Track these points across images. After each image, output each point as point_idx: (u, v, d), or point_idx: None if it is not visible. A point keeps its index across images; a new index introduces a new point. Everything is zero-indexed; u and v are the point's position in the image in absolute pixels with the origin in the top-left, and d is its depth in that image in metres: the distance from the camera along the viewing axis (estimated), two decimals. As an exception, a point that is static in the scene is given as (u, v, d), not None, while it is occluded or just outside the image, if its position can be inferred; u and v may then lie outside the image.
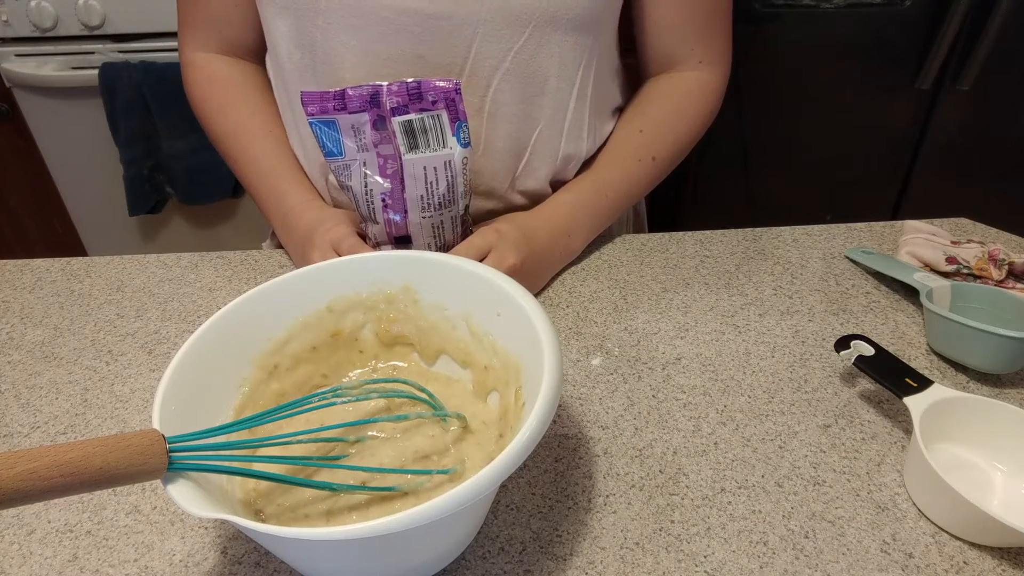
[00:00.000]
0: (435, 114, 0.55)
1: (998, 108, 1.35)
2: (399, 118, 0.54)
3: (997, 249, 0.63)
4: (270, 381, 0.47)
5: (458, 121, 0.55)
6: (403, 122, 0.54)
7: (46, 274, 0.69)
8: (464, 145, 0.56)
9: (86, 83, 1.42)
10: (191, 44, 0.72)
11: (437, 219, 0.58)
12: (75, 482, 0.30)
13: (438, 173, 0.56)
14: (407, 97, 0.54)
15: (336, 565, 0.36)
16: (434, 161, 0.55)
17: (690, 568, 0.40)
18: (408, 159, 0.55)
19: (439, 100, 0.54)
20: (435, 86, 0.54)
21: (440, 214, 0.58)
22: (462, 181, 0.57)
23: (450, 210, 0.58)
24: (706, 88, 0.71)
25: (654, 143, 0.69)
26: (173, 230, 1.68)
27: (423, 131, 0.55)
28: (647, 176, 0.70)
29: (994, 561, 0.40)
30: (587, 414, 0.51)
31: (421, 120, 0.55)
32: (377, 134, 0.55)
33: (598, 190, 0.67)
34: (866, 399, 0.52)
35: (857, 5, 1.25)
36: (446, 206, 0.57)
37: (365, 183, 0.57)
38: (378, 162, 0.56)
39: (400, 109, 0.54)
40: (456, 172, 0.56)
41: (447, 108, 0.55)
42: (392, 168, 0.56)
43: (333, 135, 0.56)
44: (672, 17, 0.67)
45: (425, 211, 0.57)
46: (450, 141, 0.55)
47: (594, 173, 0.69)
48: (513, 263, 0.57)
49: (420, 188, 0.56)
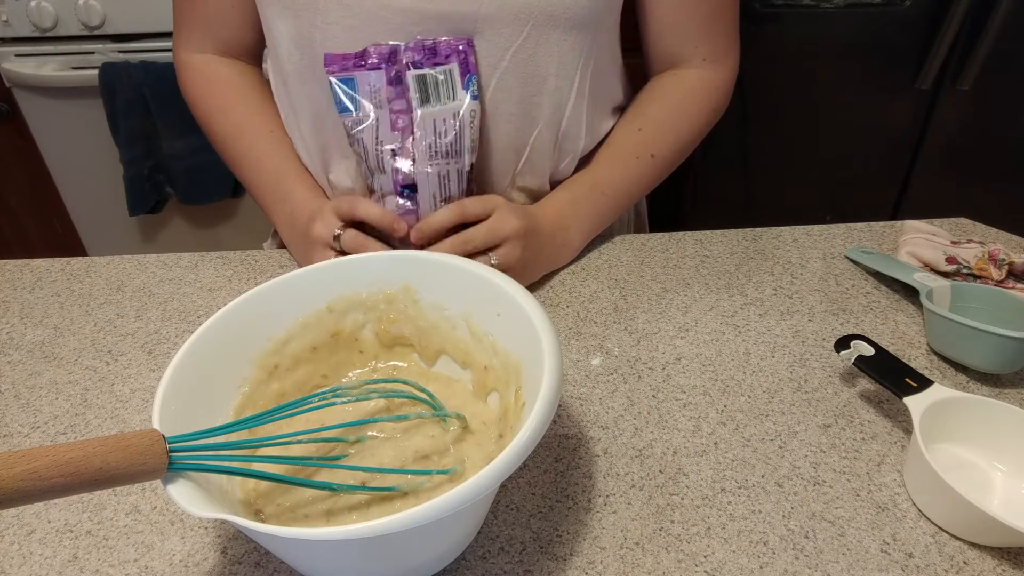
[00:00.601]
0: (447, 68, 0.58)
1: (998, 108, 1.35)
2: (414, 72, 0.58)
3: (997, 249, 0.63)
4: (270, 381, 0.47)
5: (469, 74, 0.58)
6: (417, 76, 0.58)
7: (46, 274, 0.69)
8: (473, 98, 0.59)
9: (86, 83, 1.42)
10: (187, 45, 0.72)
11: (444, 169, 0.60)
12: (75, 482, 0.30)
13: (447, 123, 0.59)
14: (423, 53, 0.58)
15: (336, 565, 0.36)
16: (444, 113, 0.58)
17: (690, 568, 0.40)
18: (420, 113, 0.58)
19: (452, 54, 0.58)
20: (448, 43, 0.58)
21: (447, 164, 0.60)
22: (469, 133, 0.59)
23: (456, 162, 0.60)
24: (710, 85, 0.70)
25: (653, 141, 0.69)
26: (173, 230, 1.68)
27: (435, 85, 0.58)
28: (646, 174, 0.69)
29: (994, 561, 0.40)
30: (587, 414, 0.51)
31: (434, 76, 0.58)
32: (392, 90, 0.59)
33: (596, 187, 0.67)
34: (866, 399, 0.52)
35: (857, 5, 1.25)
36: (453, 156, 0.60)
37: (376, 135, 0.60)
38: (390, 118, 0.59)
39: (416, 64, 0.58)
40: (464, 123, 0.59)
41: (459, 61, 0.58)
42: (403, 122, 0.59)
43: (350, 92, 0.59)
44: (675, 15, 0.67)
45: (432, 159, 0.59)
46: (460, 93, 0.59)
47: (592, 171, 0.69)
48: (517, 225, 0.59)
49: (428, 136, 0.59)
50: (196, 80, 0.71)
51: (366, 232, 0.61)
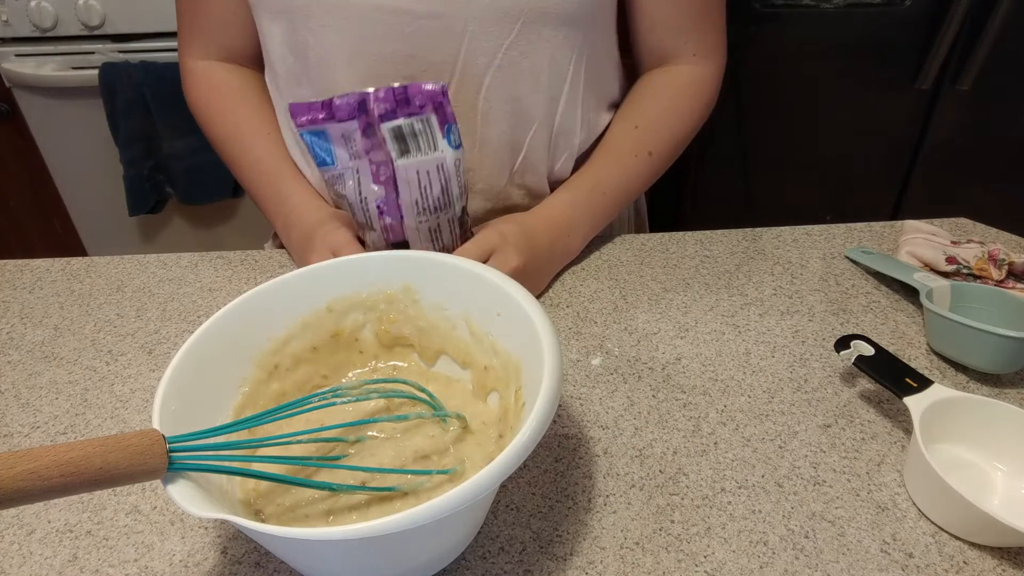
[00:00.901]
0: (423, 118, 0.54)
1: (998, 108, 1.35)
2: (388, 124, 0.54)
3: (997, 249, 0.63)
4: (270, 381, 0.47)
5: (447, 124, 0.55)
6: (392, 128, 0.54)
7: (46, 274, 0.69)
8: (455, 147, 0.55)
9: (86, 83, 1.42)
10: (191, 52, 0.72)
11: (433, 222, 0.58)
12: (75, 482, 0.30)
13: (431, 176, 0.55)
14: (394, 102, 0.54)
15: (336, 565, 0.36)
16: (426, 165, 0.55)
17: (690, 568, 0.40)
18: (400, 164, 0.55)
19: (426, 104, 0.54)
20: (422, 90, 0.54)
21: (436, 217, 0.57)
22: (456, 184, 0.57)
23: (446, 213, 0.58)
24: (701, 82, 0.71)
25: (650, 138, 0.69)
26: (173, 230, 1.68)
27: (413, 136, 0.54)
28: (644, 172, 0.69)
29: (994, 561, 0.40)
30: (587, 414, 0.51)
31: (410, 125, 0.54)
32: (368, 141, 0.55)
33: (595, 188, 0.67)
34: (866, 399, 0.52)
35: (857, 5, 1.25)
36: (441, 209, 0.57)
37: (359, 190, 0.57)
38: (371, 169, 0.56)
39: (388, 115, 0.54)
40: (449, 175, 0.56)
41: (435, 111, 0.54)
42: (385, 174, 0.56)
43: (324, 145, 0.55)
44: (664, 12, 0.67)
45: (421, 215, 0.57)
46: (440, 144, 0.55)
47: (591, 171, 0.69)
48: (516, 265, 0.57)
49: (414, 192, 0.56)
50: (199, 85, 0.72)
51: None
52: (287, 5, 0.59)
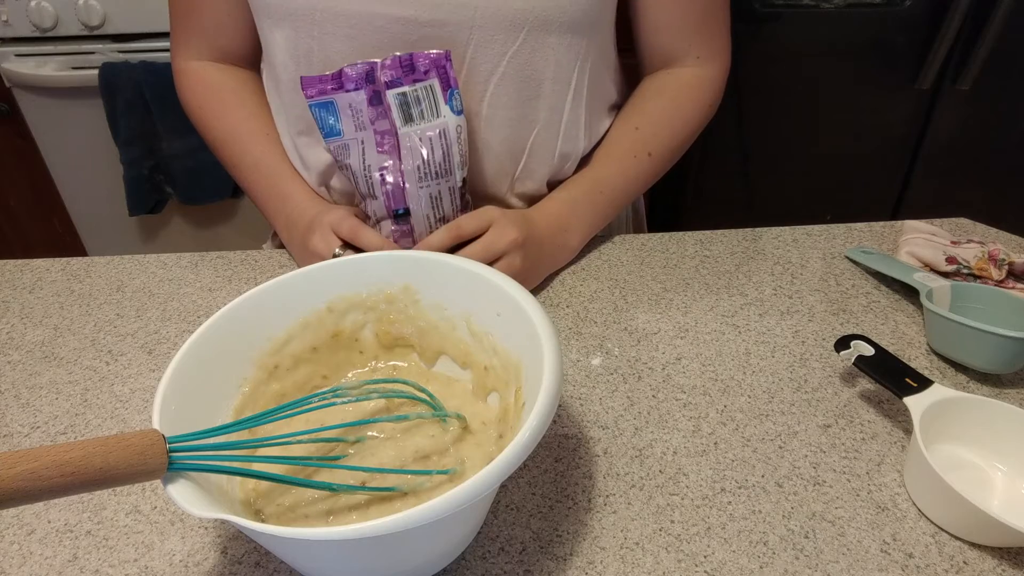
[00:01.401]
0: (427, 84, 0.57)
1: (998, 108, 1.35)
2: (393, 91, 0.57)
3: (997, 249, 0.63)
4: (270, 381, 0.47)
5: (450, 89, 0.57)
6: (397, 95, 0.57)
7: (46, 274, 0.69)
8: (457, 113, 0.57)
9: (86, 83, 1.42)
10: (184, 52, 0.72)
11: (435, 189, 0.59)
12: (75, 482, 0.30)
13: (433, 143, 0.57)
14: (400, 70, 0.56)
15: (336, 565, 0.36)
16: (428, 131, 0.57)
17: (690, 568, 0.40)
18: (404, 132, 0.57)
19: (430, 69, 0.56)
20: (425, 55, 0.56)
21: (437, 184, 0.59)
22: (457, 151, 0.58)
23: (447, 180, 0.59)
24: (704, 84, 0.71)
25: (650, 139, 0.69)
26: (173, 230, 1.68)
27: (416, 102, 0.57)
28: (643, 172, 0.69)
29: (994, 561, 0.40)
30: (587, 414, 0.51)
31: (415, 91, 0.57)
32: (373, 110, 0.57)
33: (594, 187, 0.67)
34: (866, 399, 0.52)
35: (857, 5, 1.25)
36: (443, 175, 0.59)
37: (363, 159, 0.59)
38: (375, 139, 0.58)
39: (394, 83, 0.56)
40: (451, 141, 0.58)
41: (438, 76, 0.56)
42: (389, 143, 0.58)
43: (331, 116, 0.58)
44: (668, 14, 0.67)
45: (422, 181, 0.58)
46: (443, 110, 0.57)
47: (590, 170, 0.69)
48: (514, 237, 0.58)
49: (416, 158, 0.58)
50: (193, 87, 0.71)
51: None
52: (291, 11, 0.59)
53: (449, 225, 0.59)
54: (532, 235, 0.60)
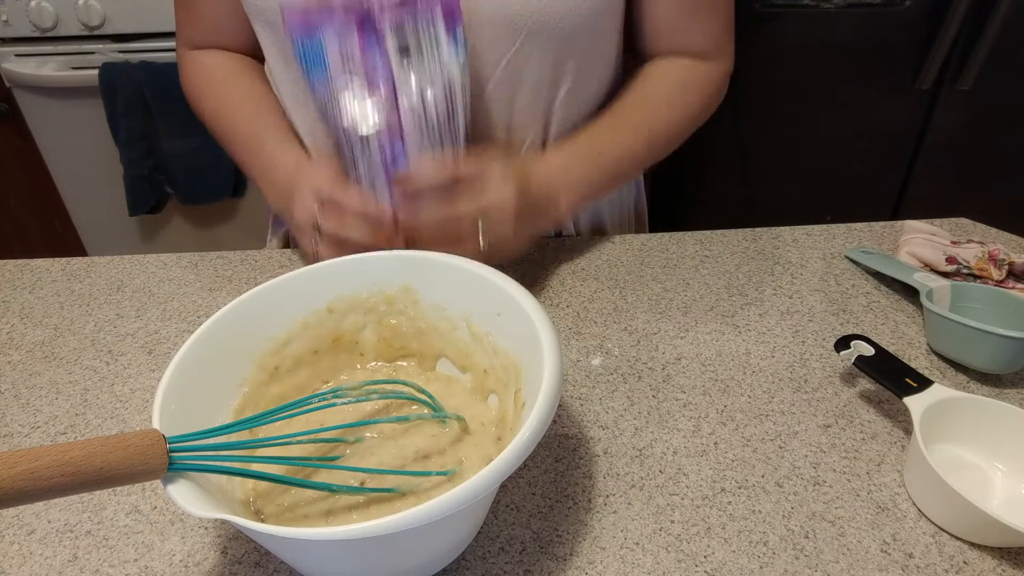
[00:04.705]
0: (428, 19, 0.50)
1: (998, 108, 1.35)
2: (392, 25, 0.50)
3: (997, 249, 0.63)
4: (271, 383, 0.47)
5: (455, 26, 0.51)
6: (395, 29, 0.50)
7: (46, 274, 0.69)
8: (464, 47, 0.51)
9: (86, 83, 1.42)
10: (187, 45, 0.72)
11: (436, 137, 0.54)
12: (75, 482, 0.30)
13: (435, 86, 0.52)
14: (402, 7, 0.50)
15: (336, 565, 0.36)
16: (430, 74, 0.51)
17: (690, 568, 0.40)
18: (401, 75, 0.51)
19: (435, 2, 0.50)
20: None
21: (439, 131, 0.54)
22: (461, 97, 0.53)
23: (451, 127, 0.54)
24: (706, 77, 0.69)
25: (650, 117, 0.67)
26: (173, 230, 1.68)
27: (415, 38, 0.51)
28: (640, 150, 0.67)
29: (994, 561, 0.40)
30: (587, 414, 0.51)
31: (414, 28, 0.50)
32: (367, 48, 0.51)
33: (589, 152, 0.65)
34: (866, 399, 0.52)
35: (857, 5, 1.25)
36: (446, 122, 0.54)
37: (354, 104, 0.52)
38: (367, 82, 0.52)
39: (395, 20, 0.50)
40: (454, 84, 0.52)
41: (443, 7, 0.50)
42: (385, 89, 0.52)
43: (316, 48, 0.51)
44: (671, 13, 0.66)
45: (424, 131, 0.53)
46: (446, 50, 0.51)
47: (587, 136, 0.66)
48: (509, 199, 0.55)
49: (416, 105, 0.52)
50: (193, 69, 0.72)
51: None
52: (275, 16, 0.58)
53: (446, 163, 0.55)
54: (526, 202, 0.57)
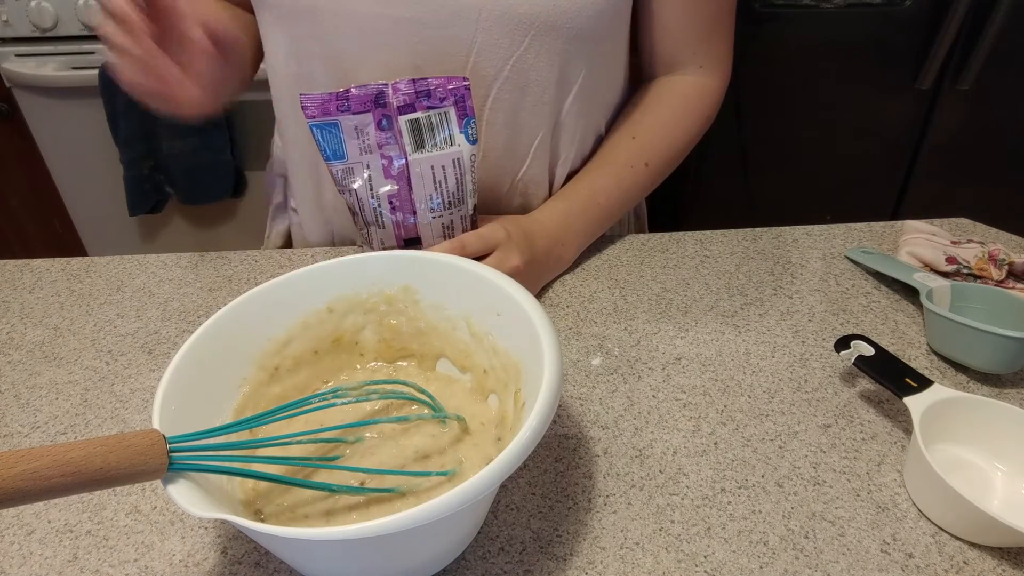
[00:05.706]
0: (442, 111, 0.54)
1: (998, 108, 1.35)
2: (405, 116, 0.54)
3: (997, 249, 0.63)
4: (271, 384, 0.47)
5: (466, 118, 0.55)
6: (410, 120, 0.54)
7: (46, 274, 0.69)
8: (472, 142, 0.55)
9: (86, 83, 1.42)
10: None
11: (447, 219, 0.57)
12: (75, 482, 0.30)
13: (446, 171, 0.55)
14: (414, 95, 0.54)
15: (336, 565, 0.36)
16: (442, 159, 0.55)
17: (690, 568, 0.40)
18: (415, 159, 0.55)
19: (447, 97, 0.54)
20: (443, 81, 0.54)
21: (450, 214, 0.57)
22: (470, 179, 0.57)
23: (459, 209, 0.57)
24: (704, 93, 0.70)
25: (647, 149, 0.68)
26: (173, 230, 1.68)
27: (429, 129, 0.54)
28: (640, 182, 0.69)
29: (994, 561, 0.40)
30: (587, 414, 0.51)
31: (428, 118, 0.54)
32: (382, 134, 0.55)
33: (591, 198, 0.66)
34: (866, 399, 0.52)
35: (857, 5, 1.25)
36: (456, 205, 0.57)
37: (370, 186, 0.56)
38: (382, 164, 0.55)
39: (407, 108, 0.54)
40: (465, 169, 0.56)
41: (455, 105, 0.54)
42: (398, 169, 0.56)
43: (335, 138, 0.54)
44: (677, 21, 0.67)
45: (435, 211, 0.57)
46: (458, 138, 0.55)
47: (587, 179, 0.68)
48: (516, 264, 0.57)
49: (428, 187, 0.56)
50: None
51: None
52: (292, 8, 0.59)
53: (453, 241, 0.57)
54: (533, 256, 0.59)
